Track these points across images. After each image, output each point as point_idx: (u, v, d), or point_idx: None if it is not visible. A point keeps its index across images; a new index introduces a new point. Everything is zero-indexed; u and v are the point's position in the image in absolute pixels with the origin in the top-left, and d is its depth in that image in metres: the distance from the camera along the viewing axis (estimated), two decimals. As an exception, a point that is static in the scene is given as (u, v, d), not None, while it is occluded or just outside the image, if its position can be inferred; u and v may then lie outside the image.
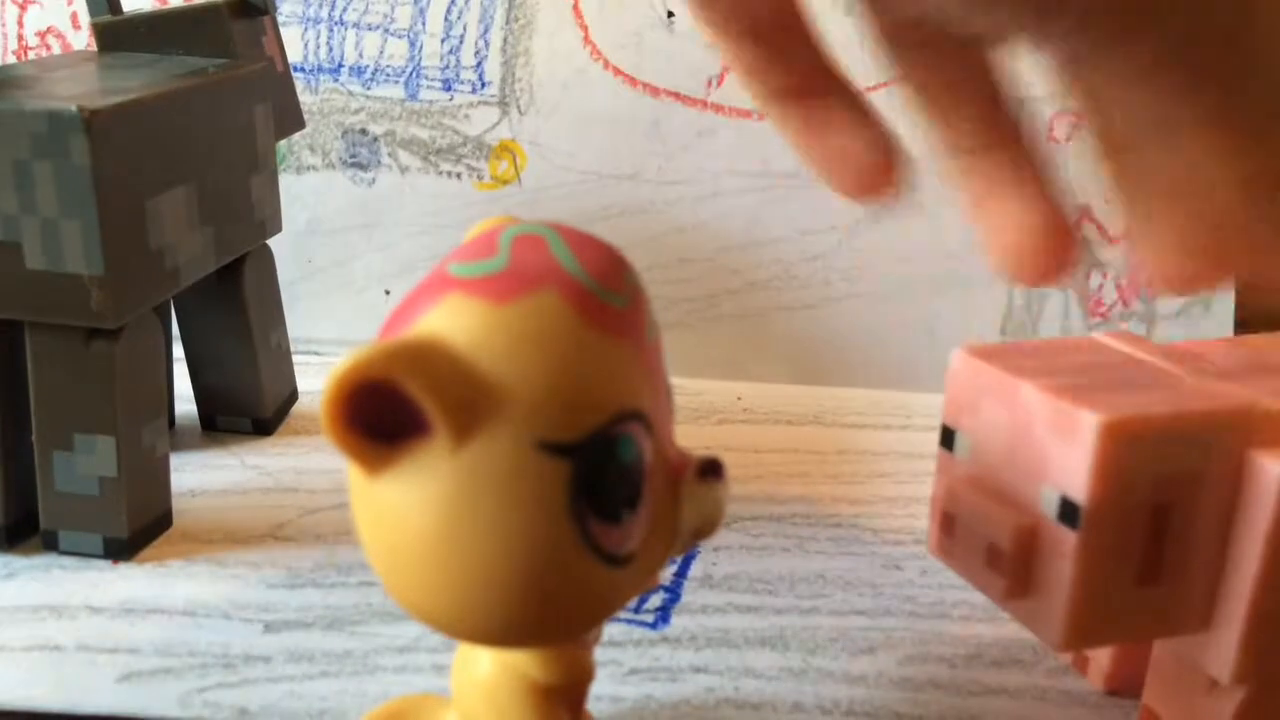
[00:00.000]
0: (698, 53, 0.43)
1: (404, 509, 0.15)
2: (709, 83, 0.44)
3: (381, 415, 0.15)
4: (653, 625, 0.28)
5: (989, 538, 0.21)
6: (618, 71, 0.44)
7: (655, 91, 0.44)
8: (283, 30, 0.40)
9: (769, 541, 0.32)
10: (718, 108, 0.44)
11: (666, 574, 0.30)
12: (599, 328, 0.16)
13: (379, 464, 0.15)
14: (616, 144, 0.44)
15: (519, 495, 0.15)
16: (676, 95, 0.44)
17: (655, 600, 0.29)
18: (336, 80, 0.45)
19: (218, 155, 0.33)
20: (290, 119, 0.39)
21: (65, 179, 0.26)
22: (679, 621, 0.28)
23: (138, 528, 0.30)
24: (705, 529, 0.18)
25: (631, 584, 0.17)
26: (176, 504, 0.32)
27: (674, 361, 0.19)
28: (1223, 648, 0.21)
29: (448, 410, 0.15)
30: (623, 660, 0.26)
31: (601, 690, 0.25)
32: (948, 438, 0.23)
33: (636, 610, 0.28)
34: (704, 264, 0.45)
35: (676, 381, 0.18)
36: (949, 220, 0.42)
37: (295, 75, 0.42)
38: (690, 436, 0.18)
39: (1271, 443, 0.20)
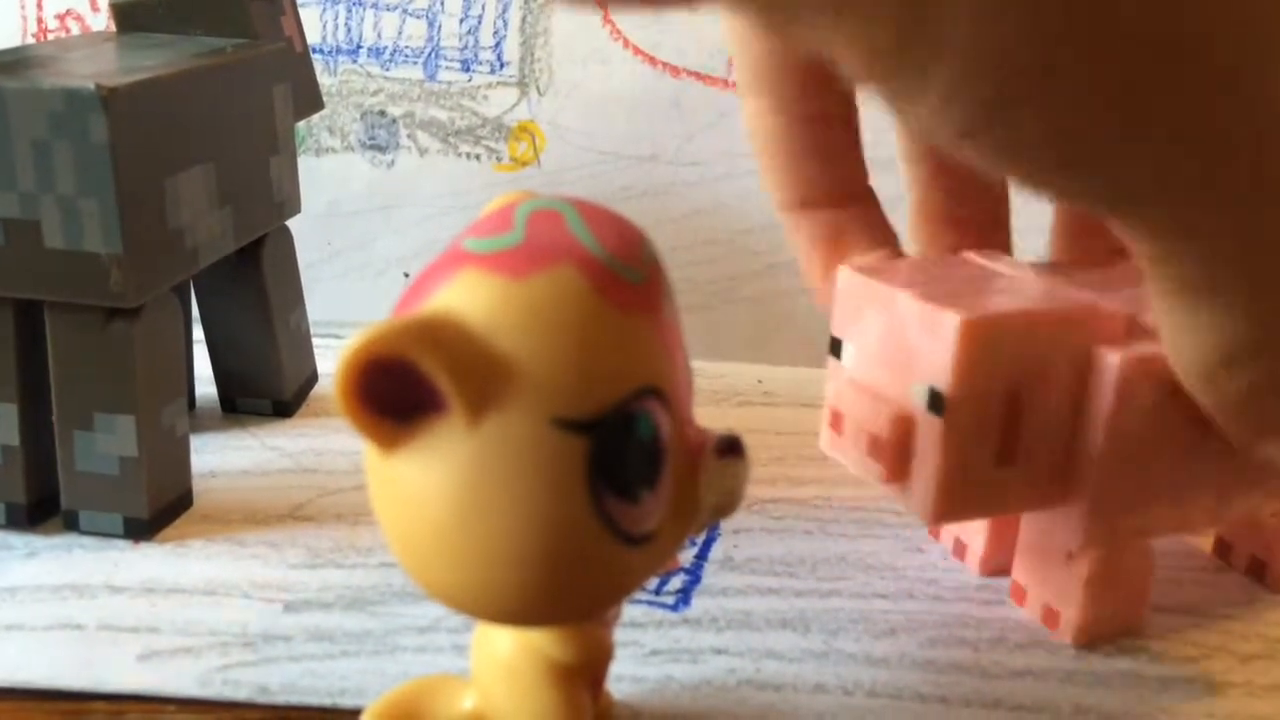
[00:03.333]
0: (718, 31, 0.43)
1: (419, 487, 0.15)
2: (730, 62, 0.43)
3: (396, 392, 0.15)
4: (673, 607, 0.27)
5: (870, 429, 0.24)
6: (637, 51, 0.44)
7: (675, 71, 0.44)
8: (301, 11, 0.39)
9: (790, 524, 0.32)
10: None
11: (687, 556, 0.30)
12: (616, 304, 0.16)
13: (394, 442, 0.15)
14: (636, 125, 0.44)
15: (535, 473, 0.15)
16: (697, 75, 0.44)
17: (676, 583, 0.29)
18: (355, 61, 0.45)
19: (237, 135, 0.33)
20: (309, 100, 0.39)
21: (84, 158, 0.26)
22: (700, 603, 0.28)
23: (158, 508, 0.30)
24: (725, 507, 0.18)
25: (650, 563, 0.17)
26: (197, 484, 0.32)
27: (694, 343, 0.19)
28: (1074, 520, 0.24)
29: (462, 387, 0.14)
30: (643, 641, 0.26)
31: (622, 670, 0.25)
32: (836, 347, 0.26)
33: (657, 592, 0.28)
34: (725, 245, 0.45)
35: (696, 364, 0.18)
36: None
37: (314, 56, 0.42)
38: (711, 419, 0.18)
39: (1112, 339, 0.23)
